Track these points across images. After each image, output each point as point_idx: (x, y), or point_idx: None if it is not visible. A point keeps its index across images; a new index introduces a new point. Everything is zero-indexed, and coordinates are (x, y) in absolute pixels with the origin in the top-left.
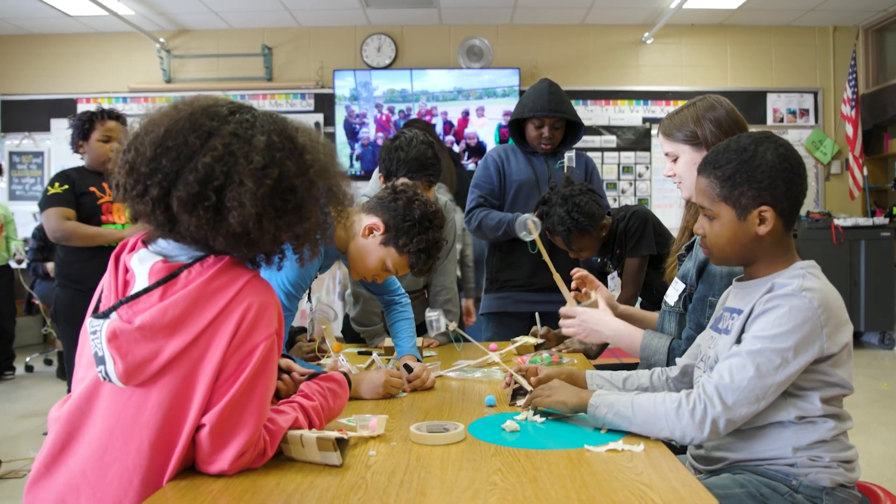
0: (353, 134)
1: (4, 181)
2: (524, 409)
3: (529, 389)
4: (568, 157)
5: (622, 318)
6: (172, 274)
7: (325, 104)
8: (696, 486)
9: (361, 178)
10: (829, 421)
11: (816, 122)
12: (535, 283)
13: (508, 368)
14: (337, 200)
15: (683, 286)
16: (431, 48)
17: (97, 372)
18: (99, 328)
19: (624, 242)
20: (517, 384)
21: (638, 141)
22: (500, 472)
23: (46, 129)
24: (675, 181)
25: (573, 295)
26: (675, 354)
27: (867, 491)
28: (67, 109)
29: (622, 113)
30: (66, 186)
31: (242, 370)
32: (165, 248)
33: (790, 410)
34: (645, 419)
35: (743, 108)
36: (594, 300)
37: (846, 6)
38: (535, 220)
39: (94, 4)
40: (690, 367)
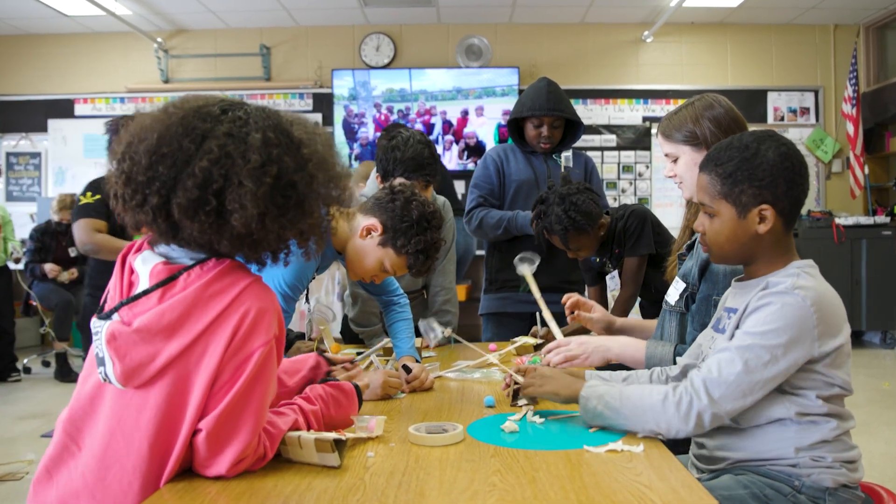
0: (351, 133)
1: (2, 182)
2: (521, 396)
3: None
4: (565, 156)
5: (621, 330)
6: (172, 276)
7: (323, 104)
8: (696, 486)
9: None
10: (831, 420)
11: (817, 120)
12: (535, 282)
13: (507, 370)
14: (337, 195)
15: (685, 286)
16: (430, 47)
17: (98, 373)
18: (100, 329)
19: (623, 242)
20: (518, 385)
21: (638, 140)
22: (499, 472)
23: (44, 129)
24: (675, 181)
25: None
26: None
27: (870, 491)
28: (65, 110)
29: (622, 112)
30: (97, 196)
31: (239, 376)
32: (168, 249)
33: (789, 408)
34: (632, 411)
35: (743, 106)
36: (578, 326)
37: (847, 4)
38: (531, 259)
39: (91, 4)
40: (691, 366)
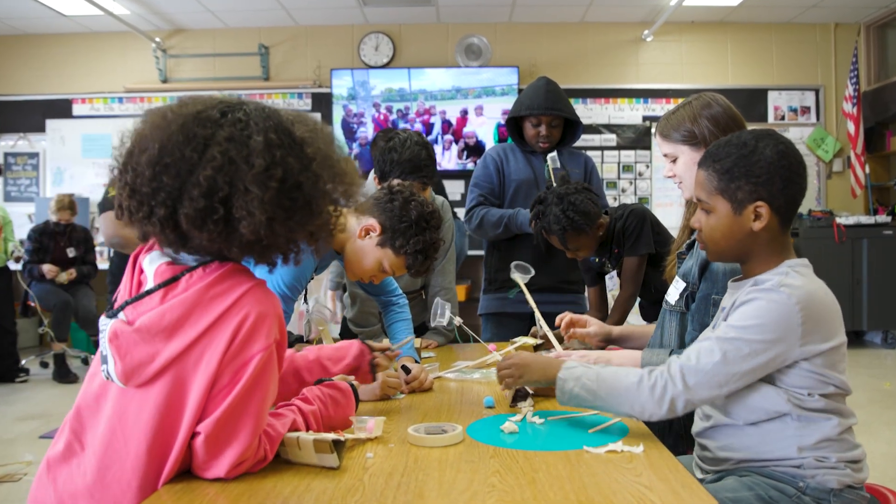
0: (350, 133)
1: (0, 182)
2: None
3: (531, 392)
4: (551, 157)
5: (619, 339)
6: (174, 277)
7: (322, 103)
8: (696, 487)
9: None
10: (832, 417)
11: (818, 119)
12: (534, 283)
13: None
14: (343, 192)
15: (685, 285)
16: (429, 47)
17: (101, 370)
18: (105, 327)
19: (622, 241)
20: (518, 386)
21: (638, 139)
22: (498, 473)
23: (41, 129)
24: (675, 182)
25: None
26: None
27: (876, 492)
28: (62, 110)
29: (622, 111)
30: None
31: (238, 380)
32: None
33: (786, 403)
34: (608, 393)
35: (744, 105)
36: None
37: (847, 3)
38: (524, 267)
39: (89, 4)
40: None
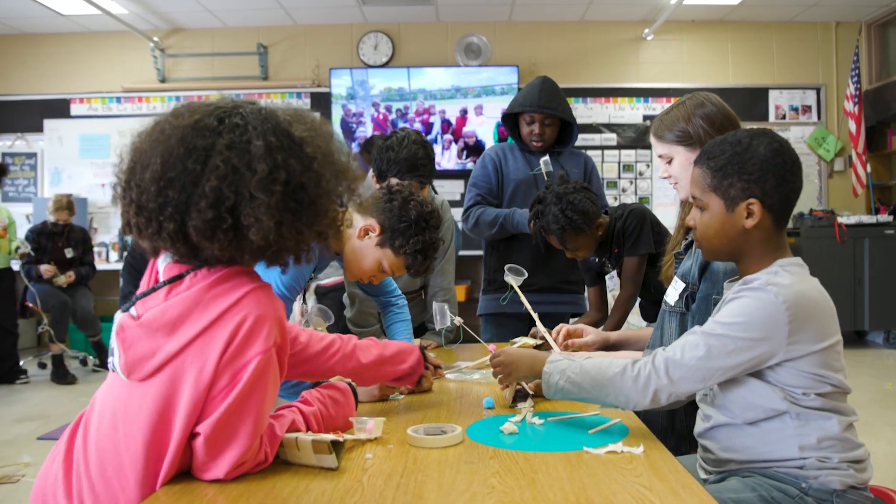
0: (349, 133)
1: None
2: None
3: (531, 393)
4: (543, 161)
5: (617, 345)
6: (179, 275)
7: (321, 103)
8: (696, 488)
9: None
10: (831, 416)
11: (819, 118)
12: (533, 283)
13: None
14: (347, 187)
15: (684, 285)
16: (429, 46)
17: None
18: (116, 320)
19: (622, 241)
20: (518, 385)
21: (638, 139)
22: (498, 474)
23: (39, 129)
24: (671, 182)
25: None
26: None
27: (881, 494)
28: (60, 110)
29: (622, 111)
30: None
31: (236, 383)
32: None
33: (782, 400)
34: (592, 384)
35: (744, 104)
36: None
37: (848, 1)
38: (517, 269)
39: (87, 3)
40: None
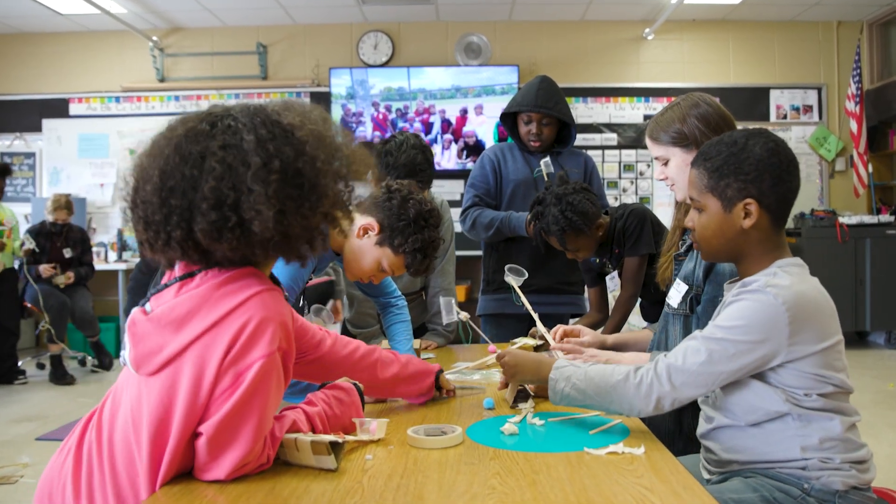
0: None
1: None
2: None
3: (532, 394)
4: (544, 162)
5: (614, 347)
6: (191, 273)
7: (321, 103)
8: (697, 489)
9: None
10: (833, 417)
11: (820, 118)
12: (532, 284)
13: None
14: (343, 164)
15: (686, 287)
16: (429, 45)
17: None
18: (131, 314)
19: (622, 242)
20: (520, 386)
21: (639, 138)
22: (498, 475)
23: (38, 129)
24: (667, 184)
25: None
26: None
27: (883, 495)
28: (59, 109)
29: (623, 110)
30: None
31: (238, 385)
32: None
33: (784, 402)
34: (596, 391)
35: (746, 104)
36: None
37: (850, 0)
38: (518, 269)
39: (85, 3)
40: None
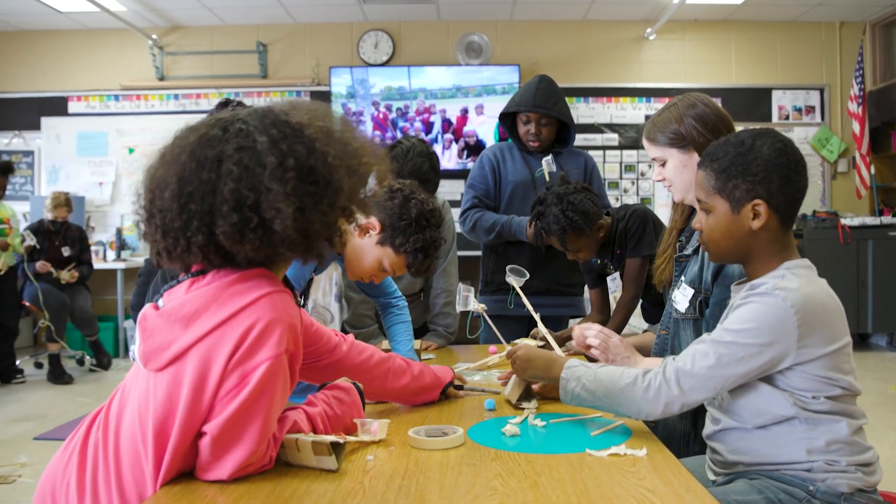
0: None
1: None
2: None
3: (535, 395)
4: (546, 161)
5: None
6: (203, 270)
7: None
8: (700, 491)
9: None
10: (840, 419)
11: (823, 119)
12: (531, 286)
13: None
14: (353, 155)
15: (693, 291)
16: (430, 44)
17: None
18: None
19: (624, 242)
20: (526, 384)
21: (640, 139)
22: (500, 476)
23: (37, 127)
24: (665, 185)
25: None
26: None
27: (890, 498)
28: (58, 108)
29: (624, 110)
30: None
31: (244, 386)
32: None
33: (792, 406)
34: (605, 393)
35: (748, 105)
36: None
37: (853, 1)
38: (519, 270)
39: (85, 0)
40: None
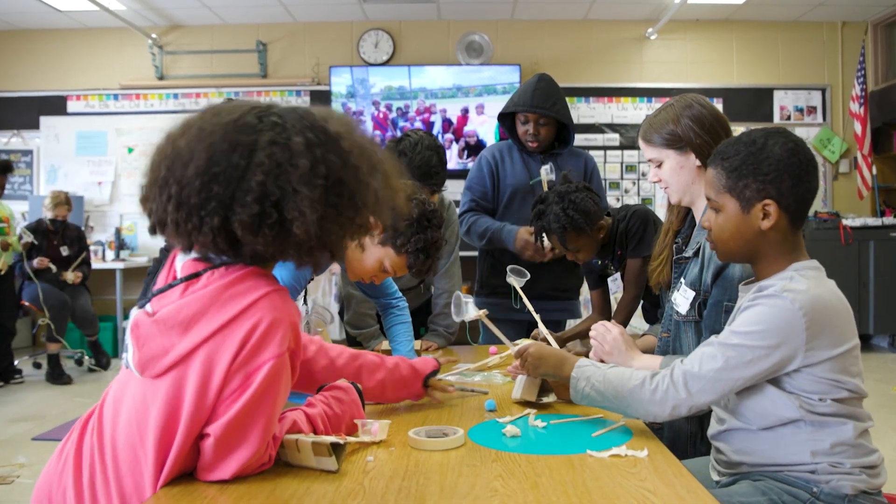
0: None
1: None
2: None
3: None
4: (544, 170)
5: None
6: (196, 273)
7: (321, 101)
8: (701, 492)
9: None
10: (846, 422)
11: (824, 119)
12: (526, 290)
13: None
14: (383, 179)
15: (694, 293)
16: (430, 44)
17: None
18: (132, 316)
19: (625, 243)
20: (543, 379)
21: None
22: (500, 477)
23: (36, 126)
24: (661, 186)
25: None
26: None
27: (894, 501)
28: (57, 107)
29: (625, 110)
30: None
31: (248, 386)
32: None
33: (798, 408)
34: (614, 395)
35: (749, 105)
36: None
37: (854, 1)
38: (520, 270)
39: None
40: None
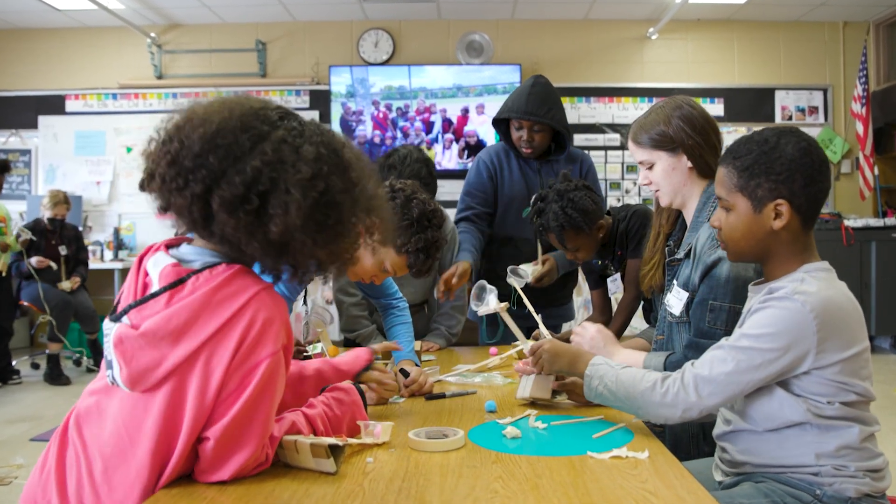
0: (349, 132)
1: None
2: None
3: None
4: (511, 269)
5: None
6: (180, 280)
7: (320, 101)
8: (702, 493)
9: None
10: (853, 425)
11: (826, 119)
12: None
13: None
14: (373, 224)
15: (687, 295)
16: (430, 43)
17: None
18: (110, 332)
19: (625, 243)
20: (559, 379)
21: None
22: (500, 479)
23: (34, 126)
24: (651, 189)
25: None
26: (671, 368)
27: None
28: (56, 106)
29: (626, 110)
30: None
31: (246, 386)
32: (183, 252)
33: (805, 411)
34: (625, 395)
35: (750, 105)
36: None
37: (856, 1)
38: (521, 274)
39: None
40: None
